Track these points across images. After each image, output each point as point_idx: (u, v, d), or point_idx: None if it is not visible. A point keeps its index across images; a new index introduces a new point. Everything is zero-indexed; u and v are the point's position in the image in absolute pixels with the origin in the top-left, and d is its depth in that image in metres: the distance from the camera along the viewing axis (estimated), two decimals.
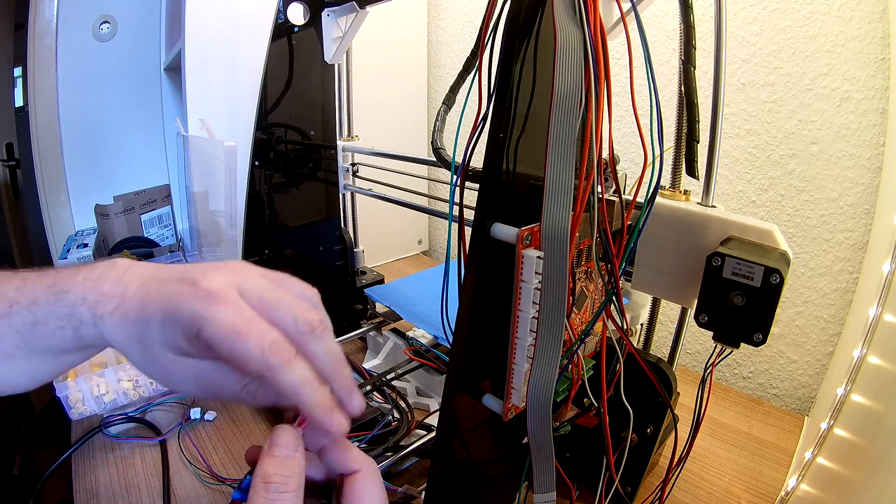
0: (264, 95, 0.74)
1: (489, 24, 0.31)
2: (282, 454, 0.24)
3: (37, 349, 0.27)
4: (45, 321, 0.27)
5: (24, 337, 0.27)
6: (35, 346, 0.27)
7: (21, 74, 1.09)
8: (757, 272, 0.32)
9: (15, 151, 1.19)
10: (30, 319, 0.27)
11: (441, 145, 0.56)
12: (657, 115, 0.30)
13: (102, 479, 0.53)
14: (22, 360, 0.27)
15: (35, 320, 0.27)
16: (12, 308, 0.27)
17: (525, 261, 0.30)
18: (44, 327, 0.27)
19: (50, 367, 0.29)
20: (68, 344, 0.28)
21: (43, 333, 0.27)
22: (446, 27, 1.11)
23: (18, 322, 0.27)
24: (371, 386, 0.64)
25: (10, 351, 0.27)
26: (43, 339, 0.27)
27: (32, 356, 0.28)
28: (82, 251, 0.93)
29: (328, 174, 0.83)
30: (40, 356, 0.28)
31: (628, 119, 0.76)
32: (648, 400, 0.44)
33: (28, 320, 0.27)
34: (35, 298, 0.28)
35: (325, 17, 0.74)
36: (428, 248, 1.28)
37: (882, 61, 0.58)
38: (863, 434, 0.43)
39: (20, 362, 0.27)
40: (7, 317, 0.27)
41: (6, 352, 0.27)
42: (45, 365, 0.28)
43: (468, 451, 0.40)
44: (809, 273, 0.68)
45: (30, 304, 0.27)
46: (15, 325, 0.27)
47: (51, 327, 0.27)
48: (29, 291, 0.28)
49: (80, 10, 1.06)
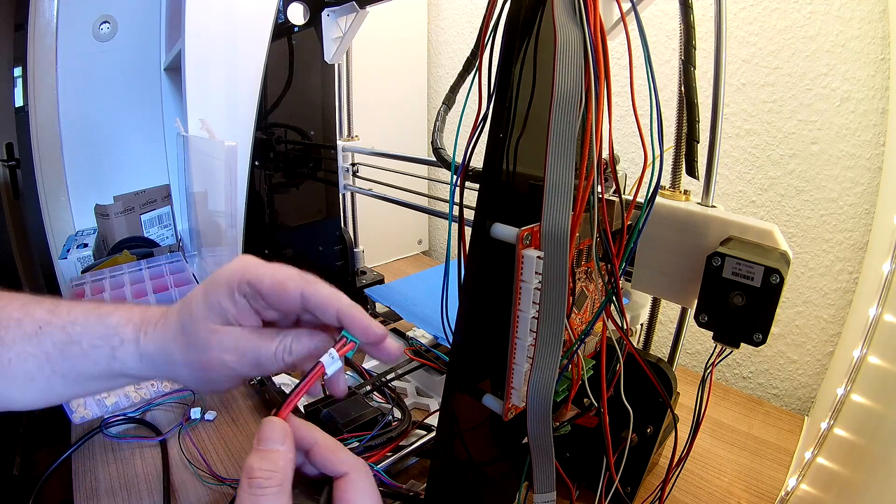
0: (264, 95, 0.75)
1: (489, 24, 0.31)
2: (266, 448, 0.24)
3: (60, 372, 0.28)
4: (80, 341, 0.28)
5: (51, 358, 0.28)
6: (60, 369, 0.28)
7: (21, 74, 1.09)
8: (757, 272, 0.32)
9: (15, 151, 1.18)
10: (62, 339, 0.28)
11: (441, 145, 0.56)
12: (657, 115, 0.30)
13: (102, 479, 0.53)
14: (42, 383, 0.28)
15: (69, 340, 0.28)
16: (41, 329, 0.28)
17: (525, 261, 0.30)
18: (77, 348, 0.28)
19: (67, 392, 0.29)
20: (100, 367, 0.28)
21: (74, 354, 0.28)
22: (446, 27, 1.11)
23: (48, 343, 0.28)
24: (371, 386, 0.64)
25: (32, 373, 0.28)
26: (72, 361, 0.28)
27: (55, 379, 0.28)
28: (82, 251, 0.93)
29: (328, 174, 0.83)
30: (63, 380, 0.28)
31: (628, 119, 0.76)
32: (648, 400, 0.44)
33: (60, 340, 0.28)
34: (74, 319, 0.29)
35: (325, 17, 0.74)
36: (428, 248, 1.28)
37: (882, 61, 0.58)
38: (863, 434, 0.43)
39: (40, 384, 0.28)
40: (35, 337, 0.28)
41: (28, 374, 0.27)
42: (64, 389, 0.29)
43: (468, 451, 0.40)
44: (809, 273, 0.68)
45: (66, 325, 0.28)
46: (44, 345, 0.28)
47: (85, 347, 0.28)
48: (65, 313, 0.29)
49: (80, 10, 1.06)
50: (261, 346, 0.28)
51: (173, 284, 0.76)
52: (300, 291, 0.28)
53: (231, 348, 0.28)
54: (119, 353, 0.28)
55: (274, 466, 0.23)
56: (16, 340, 0.27)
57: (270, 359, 0.28)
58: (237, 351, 0.28)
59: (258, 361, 0.28)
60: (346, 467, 0.26)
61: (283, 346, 0.28)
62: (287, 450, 0.24)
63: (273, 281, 0.28)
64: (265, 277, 0.28)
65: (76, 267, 0.89)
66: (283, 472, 0.23)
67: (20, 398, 0.28)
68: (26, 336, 0.28)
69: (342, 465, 0.26)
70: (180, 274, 0.79)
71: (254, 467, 0.23)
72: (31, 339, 0.27)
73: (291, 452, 0.24)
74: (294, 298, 0.28)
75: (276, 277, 0.28)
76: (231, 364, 0.28)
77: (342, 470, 0.26)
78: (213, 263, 0.78)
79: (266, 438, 0.24)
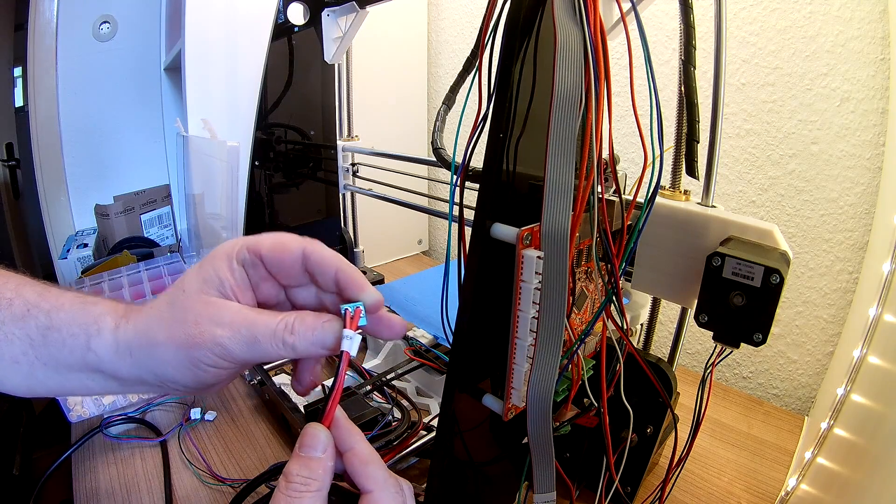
0: (264, 95, 0.75)
1: (489, 24, 0.31)
2: (306, 455, 0.24)
3: (42, 359, 0.27)
4: (61, 327, 0.27)
5: (34, 343, 0.27)
6: (41, 356, 0.27)
7: (21, 74, 1.09)
8: (757, 272, 0.32)
9: (15, 151, 1.19)
10: (45, 324, 0.27)
11: (441, 145, 0.56)
12: (657, 115, 0.30)
13: (102, 479, 0.53)
14: (26, 367, 0.27)
15: (51, 325, 0.27)
16: (29, 312, 0.27)
17: (525, 261, 0.30)
18: (57, 334, 0.27)
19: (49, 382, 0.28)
20: (76, 357, 0.27)
21: (53, 341, 0.27)
22: (446, 27, 1.11)
23: (32, 326, 0.27)
24: (371, 386, 0.64)
25: (16, 356, 0.27)
26: (51, 348, 0.27)
27: (37, 366, 0.27)
28: (82, 251, 0.93)
29: (328, 174, 0.83)
30: (44, 368, 0.27)
31: (628, 119, 0.76)
32: (648, 400, 0.44)
33: (43, 325, 0.27)
34: (60, 304, 0.27)
35: (325, 17, 0.74)
36: (428, 248, 1.28)
37: (882, 61, 0.58)
38: (863, 434, 0.43)
39: (24, 368, 0.27)
40: (22, 320, 0.27)
41: (13, 356, 0.27)
42: (45, 378, 0.27)
43: (468, 451, 0.40)
44: (809, 273, 0.68)
45: (50, 310, 0.27)
46: (28, 329, 0.27)
47: (64, 334, 0.27)
48: (53, 298, 0.28)
49: (80, 10, 1.06)
50: (258, 320, 0.26)
51: None
52: (301, 248, 0.27)
53: (226, 322, 0.26)
54: (94, 342, 0.27)
55: (312, 474, 0.23)
56: (5, 321, 0.26)
57: (269, 336, 0.26)
58: (232, 325, 0.26)
59: (254, 339, 0.26)
60: (371, 484, 0.25)
61: (286, 324, 0.26)
62: (327, 458, 0.24)
63: (273, 241, 0.27)
64: (265, 240, 0.28)
65: (76, 267, 0.90)
66: (320, 480, 0.23)
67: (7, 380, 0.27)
68: (14, 317, 0.27)
69: (368, 481, 0.25)
70: (179, 275, 0.79)
71: (292, 472, 0.23)
72: (17, 321, 0.26)
73: (331, 461, 0.24)
74: (295, 257, 0.27)
75: (276, 238, 0.28)
76: (222, 340, 0.25)
77: (368, 487, 0.25)
78: None
79: (306, 445, 0.24)
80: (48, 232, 1.08)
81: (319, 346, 0.26)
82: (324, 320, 0.26)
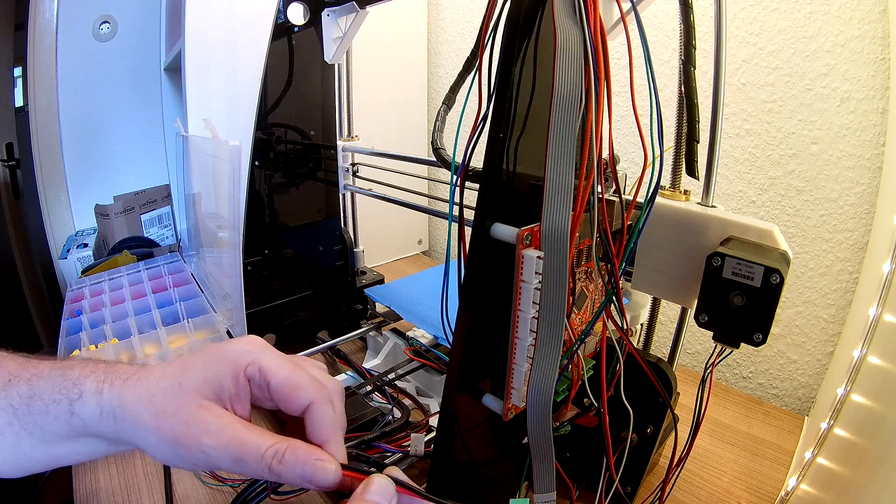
0: (264, 95, 0.74)
1: (489, 24, 0.31)
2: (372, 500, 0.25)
3: (28, 429, 0.26)
4: (42, 395, 0.26)
5: (18, 413, 0.26)
6: (27, 425, 0.26)
7: (21, 74, 1.09)
8: (757, 272, 0.32)
9: (15, 151, 1.19)
10: (27, 393, 0.27)
11: (441, 145, 0.56)
12: (657, 115, 0.30)
13: (102, 479, 0.53)
14: (12, 439, 0.26)
15: (33, 393, 0.27)
16: (10, 382, 0.27)
17: (525, 261, 0.30)
18: (39, 402, 0.26)
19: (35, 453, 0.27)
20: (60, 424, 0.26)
21: (37, 409, 0.26)
22: (446, 27, 1.11)
23: (14, 395, 0.27)
24: (371, 386, 0.64)
25: (1, 427, 0.26)
26: (35, 417, 0.26)
27: (22, 437, 0.26)
28: (82, 251, 0.93)
29: (328, 174, 0.83)
30: (30, 438, 0.27)
31: (628, 119, 0.76)
32: (648, 400, 0.44)
33: (25, 393, 0.27)
34: (39, 372, 0.27)
35: (325, 17, 0.74)
36: (428, 248, 1.28)
37: (882, 61, 0.58)
38: (863, 434, 0.43)
39: (9, 440, 0.26)
40: (4, 390, 0.27)
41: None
42: (32, 449, 0.27)
43: (468, 451, 0.40)
44: (809, 273, 0.68)
45: (31, 378, 0.27)
46: (11, 398, 0.26)
47: (46, 401, 0.26)
48: (34, 367, 0.28)
49: (80, 10, 1.06)
50: (248, 441, 0.25)
51: (172, 284, 0.76)
52: (309, 402, 0.28)
53: (215, 432, 0.25)
54: (77, 406, 0.26)
55: None
56: None
57: (256, 459, 0.25)
58: (220, 438, 0.25)
59: (240, 458, 0.25)
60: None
61: (275, 451, 0.25)
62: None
63: (287, 380, 0.28)
64: (279, 372, 0.27)
65: (76, 267, 0.90)
66: None
67: None
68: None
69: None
70: (179, 274, 0.80)
71: None
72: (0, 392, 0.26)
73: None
74: (301, 405, 0.28)
75: (291, 377, 0.28)
76: (208, 450, 0.25)
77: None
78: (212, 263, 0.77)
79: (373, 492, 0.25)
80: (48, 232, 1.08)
81: (307, 481, 0.25)
82: (315, 457, 0.26)
